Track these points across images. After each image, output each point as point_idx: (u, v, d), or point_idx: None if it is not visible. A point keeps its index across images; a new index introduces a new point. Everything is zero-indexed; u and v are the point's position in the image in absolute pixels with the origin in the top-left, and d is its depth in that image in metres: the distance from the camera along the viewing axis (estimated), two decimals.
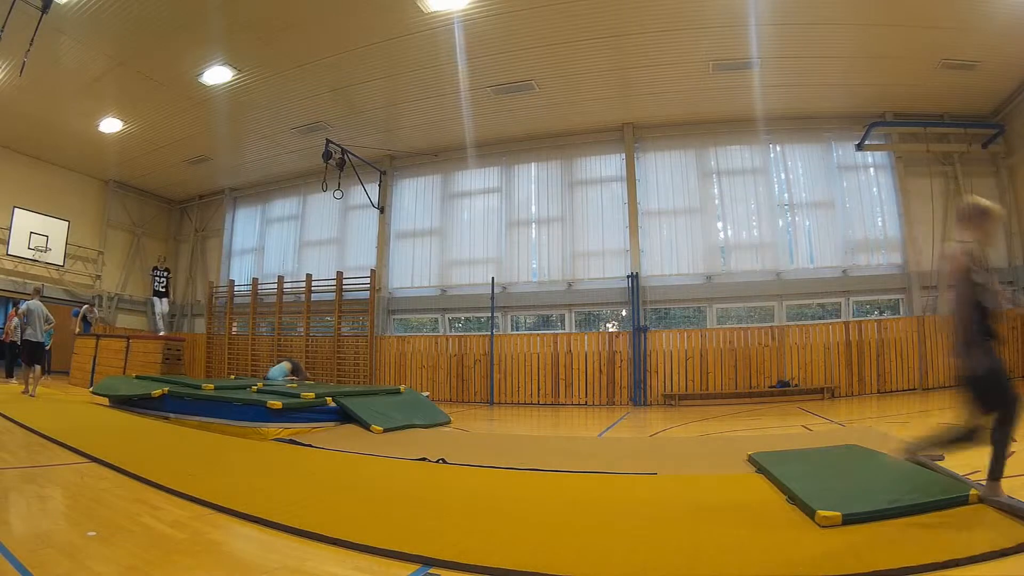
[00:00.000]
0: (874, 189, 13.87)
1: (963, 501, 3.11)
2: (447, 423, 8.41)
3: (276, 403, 6.99)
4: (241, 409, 7.17)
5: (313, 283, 15.44)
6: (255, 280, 16.19)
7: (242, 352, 16.11)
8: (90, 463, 4.80)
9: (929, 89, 12.70)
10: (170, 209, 19.36)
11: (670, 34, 11.08)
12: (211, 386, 8.24)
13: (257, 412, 7.01)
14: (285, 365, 11.56)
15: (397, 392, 9.13)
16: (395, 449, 5.85)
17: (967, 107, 13.39)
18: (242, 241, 18.22)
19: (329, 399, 7.54)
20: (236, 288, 16.54)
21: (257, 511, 3.37)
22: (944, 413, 8.67)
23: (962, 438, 3.31)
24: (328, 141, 13.60)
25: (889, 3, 10.15)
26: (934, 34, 10.88)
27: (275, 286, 15.79)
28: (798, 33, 10.96)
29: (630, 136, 14.16)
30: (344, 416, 7.50)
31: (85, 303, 15.41)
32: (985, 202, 3.51)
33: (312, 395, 7.51)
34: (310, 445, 6.06)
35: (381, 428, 6.97)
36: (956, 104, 13.32)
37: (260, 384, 9.02)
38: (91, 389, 9.17)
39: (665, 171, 14.19)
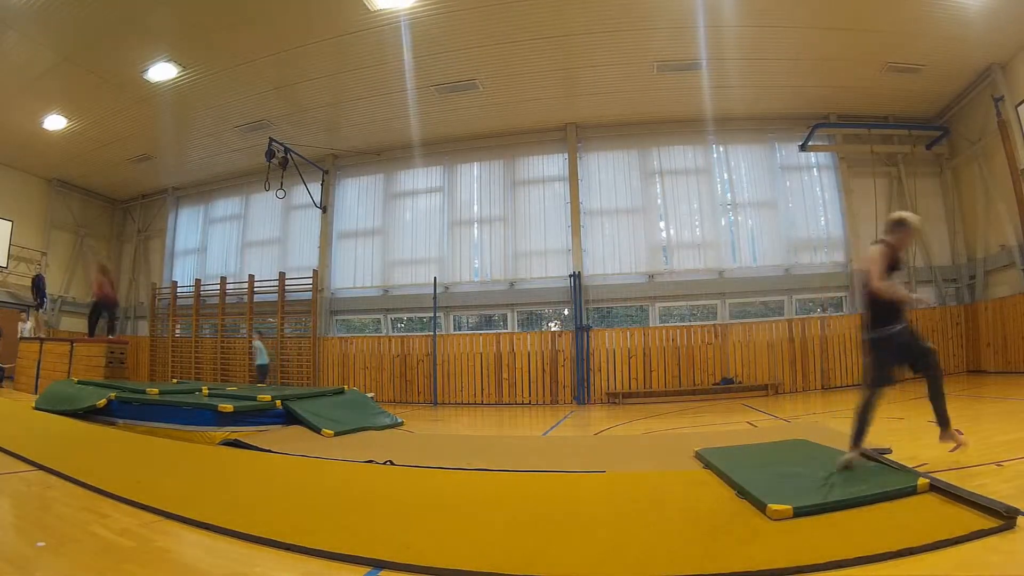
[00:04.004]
0: (817, 189, 13.95)
1: (912, 491, 3.12)
2: (399, 425, 8.23)
3: (227, 407, 6.73)
4: (189, 413, 6.91)
5: (256, 284, 15.15)
6: (197, 281, 15.87)
7: (185, 355, 15.76)
8: (37, 471, 4.58)
9: (874, 92, 12.82)
10: (113, 209, 18.94)
11: (615, 35, 11.10)
12: (155, 390, 7.98)
13: (205, 416, 6.77)
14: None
15: (341, 392, 8.94)
16: (344, 452, 5.71)
17: (912, 109, 13.53)
18: (185, 241, 17.86)
19: (278, 402, 7.32)
20: (179, 289, 16.16)
21: (205, 517, 3.29)
22: (887, 408, 8.69)
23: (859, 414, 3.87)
24: (271, 140, 13.40)
25: (835, 7, 10.26)
26: (879, 38, 11.02)
27: (218, 287, 15.47)
28: (744, 35, 11.02)
29: (573, 136, 14.10)
30: (290, 418, 7.25)
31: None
32: (904, 214, 4.08)
33: (268, 397, 7.25)
34: (257, 448, 5.86)
35: (332, 432, 6.76)
36: (901, 106, 13.45)
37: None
38: (34, 405, 8.76)
39: (608, 171, 14.14)
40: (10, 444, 5.56)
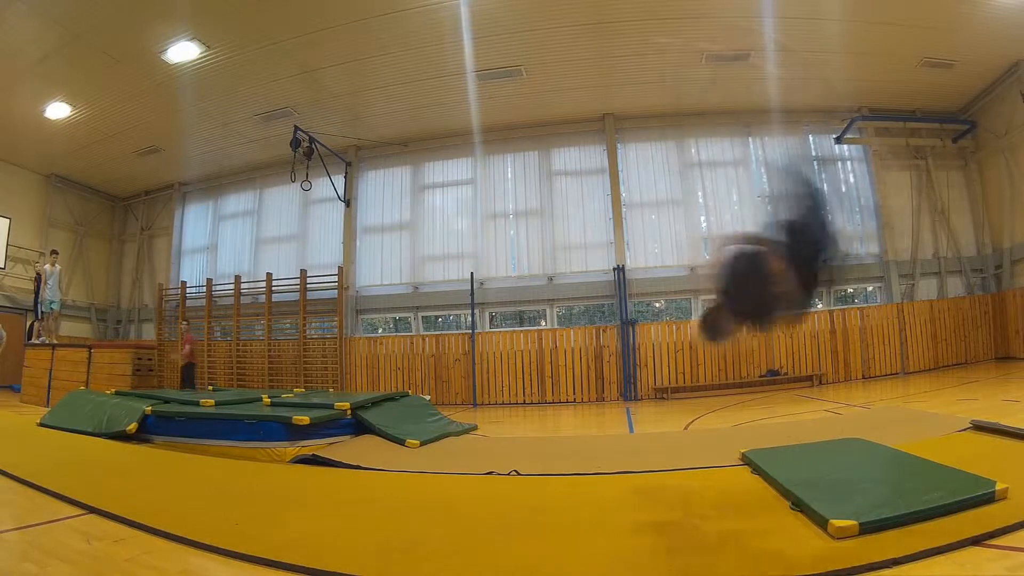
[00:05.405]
0: (850, 180, 14.00)
1: (990, 498, 2.75)
2: (474, 430, 7.71)
3: (303, 419, 5.91)
4: (252, 427, 6.08)
5: (274, 282, 14.37)
6: (209, 281, 14.95)
7: (197, 359, 14.80)
8: (87, 514, 3.47)
9: (906, 86, 12.94)
10: (113, 206, 17.87)
11: (670, 22, 10.84)
12: (211, 402, 7.09)
13: (274, 430, 5.97)
14: None
15: (405, 396, 8.27)
16: (443, 463, 5.11)
17: (938, 104, 13.69)
18: (193, 239, 16.91)
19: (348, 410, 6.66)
20: (188, 290, 15.17)
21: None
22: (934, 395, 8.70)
23: None
24: (296, 128, 12.76)
25: (883, 0, 10.26)
26: (920, 33, 11.08)
27: (231, 287, 14.60)
28: (792, 27, 10.90)
29: (611, 126, 13.82)
30: (359, 427, 6.61)
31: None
32: None
33: (347, 405, 6.59)
34: (346, 464, 5.10)
35: (418, 442, 6.13)
36: (928, 101, 13.60)
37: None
38: (39, 421, 7.69)
39: (647, 162, 13.90)
40: (39, 477, 4.32)
